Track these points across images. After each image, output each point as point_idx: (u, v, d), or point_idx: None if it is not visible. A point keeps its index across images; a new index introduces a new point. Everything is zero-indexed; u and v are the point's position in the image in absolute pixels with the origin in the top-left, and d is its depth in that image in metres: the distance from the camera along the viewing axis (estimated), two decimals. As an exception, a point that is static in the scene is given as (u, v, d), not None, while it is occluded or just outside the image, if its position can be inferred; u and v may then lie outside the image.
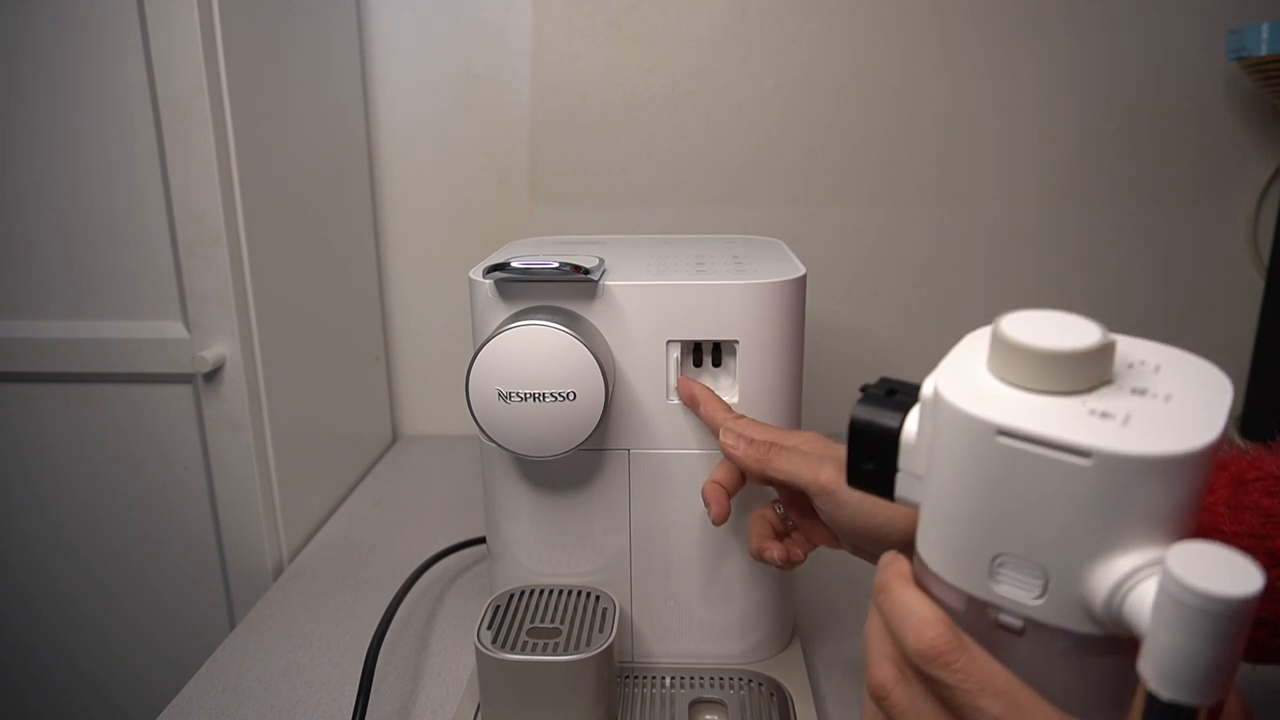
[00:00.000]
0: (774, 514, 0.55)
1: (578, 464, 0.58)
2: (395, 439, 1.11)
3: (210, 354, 0.72)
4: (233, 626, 0.78)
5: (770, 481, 0.52)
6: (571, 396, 0.51)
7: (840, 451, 0.49)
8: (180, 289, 0.73)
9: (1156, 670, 0.24)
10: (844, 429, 0.47)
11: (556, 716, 0.52)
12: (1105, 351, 0.27)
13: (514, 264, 0.53)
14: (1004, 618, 0.28)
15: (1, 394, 0.77)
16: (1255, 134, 0.99)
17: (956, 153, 1.01)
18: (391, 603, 0.65)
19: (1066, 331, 0.27)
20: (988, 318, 0.32)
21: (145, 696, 0.84)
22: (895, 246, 1.03)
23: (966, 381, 0.28)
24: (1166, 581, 0.23)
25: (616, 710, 0.56)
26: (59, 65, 0.69)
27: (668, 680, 0.60)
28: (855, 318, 1.05)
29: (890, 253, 1.03)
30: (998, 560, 0.28)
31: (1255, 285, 1.01)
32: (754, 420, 0.54)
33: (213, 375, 0.74)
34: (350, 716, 0.55)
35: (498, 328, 0.51)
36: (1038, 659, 0.28)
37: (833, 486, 0.47)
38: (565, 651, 0.52)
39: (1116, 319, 1.11)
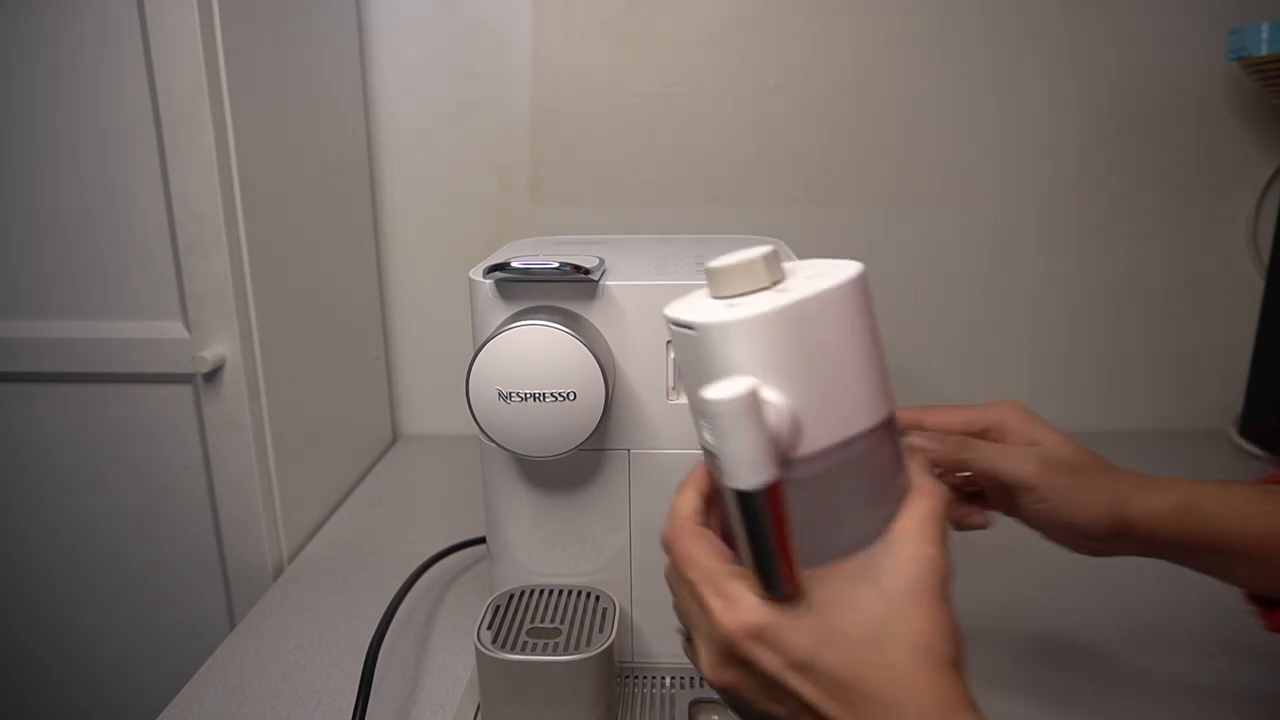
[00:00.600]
0: (957, 480, 0.52)
1: (578, 464, 0.58)
2: (395, 439, 1.11)
3: (210, 354, 0.72)
4: (233, 626, 0.78)
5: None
6: (571, 396, 0.51)
7: (1044, 440, 0.49)
8: (180, 289, 0.73)
9: (720, 470, 0.32)
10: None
11: (556, 716, 0.52)
12: (748, 266, 0.35)
13: (514, 264, 0.53)
14: (714, 468, 0.34)
15: (1, 394, 0.77)
16: (1255, 134, 0.99)
17: (956, 153, 1.01)
18: (391, 603, 0.65)
19: (735, 254, 0.35)
20: (988, 317, 0.32)
21: (145, 697, 0.84)
22: (895, 246, 1.03)
23: (687, 299, 0.38)
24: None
25: (616, 710, 0.56)
26: (59, 65, 0.69)
27: (668, 680, 0.60)
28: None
29: (890, 252, 1.03)
30: (699, 418, 0.35)
31: (1255, 285, 1.01)
32: (945, 408, 0.52)
33: (213, 375, 0.74)
34: (350, 716, 0.55)
35: (498, 328, 0.51)
36: None
37: (1034, 483, 0.47)
38: (565, 651, 0.52)
39: (1116, 318, 1.12)
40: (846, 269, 0.35)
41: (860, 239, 1.03)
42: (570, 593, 0.59)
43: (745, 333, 0.33)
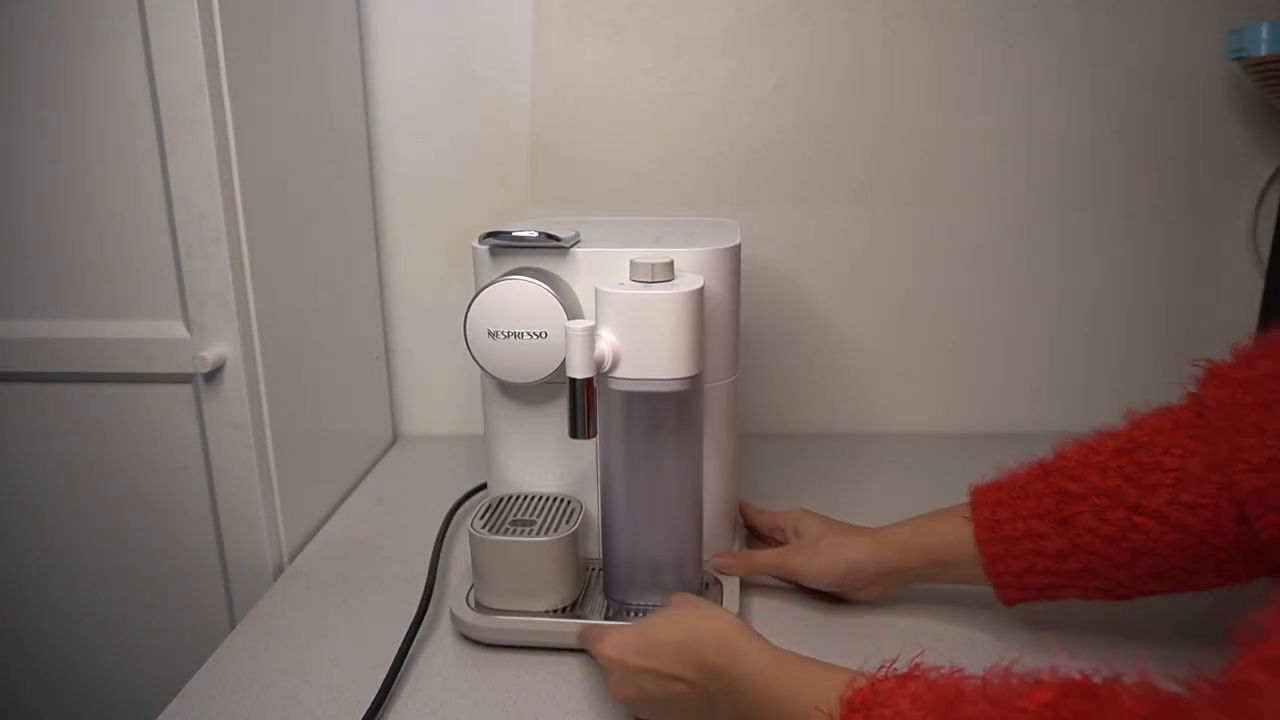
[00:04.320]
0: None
1: (554, 395, 0.70)
2: (395, 439, 1.11)
3: (210, 354, 0.72)
4: (233, 626, 0.78)
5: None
6: (544, 335, 0.65)
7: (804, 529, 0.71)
8: (180, 289, 0.73)
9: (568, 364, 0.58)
10: (843, 427, 0.46)
11: (532, 589, 0.65)
12: (644, 267, 0.60)
13: (504, 232, 0.68)
14: None
15: (1, 394, 0.77)
16: (1255, 134, 0.99)
17: (957, 153, 1.01)
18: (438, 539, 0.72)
19: (645, 256, 0.61)
20: (986, 317, 0.32)
21: (145, 696, 0.84)
22: (896, 247, 1.03)
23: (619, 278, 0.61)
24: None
25: (580, 591, 0.68)
26: (59, 65, 0.69)
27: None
28: (855, 317, 1.05)
29: (891, 253, 1.03)
30: None
31: (1255, 285, 1.01)
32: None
33: (213, 375, 0.74)
34: (349, 716, 0.55)
35: (488, 282, 0.65)
36: None
37: (795, 567, 0.69)
38: (539, 535, 0.65)
39: (1116, 318, 1.11)
40: (687, 285, 0.59)
41: (860, 239, 1.03)
42: (547, 498, 0.72)
43: (603, 300, 0.60)
